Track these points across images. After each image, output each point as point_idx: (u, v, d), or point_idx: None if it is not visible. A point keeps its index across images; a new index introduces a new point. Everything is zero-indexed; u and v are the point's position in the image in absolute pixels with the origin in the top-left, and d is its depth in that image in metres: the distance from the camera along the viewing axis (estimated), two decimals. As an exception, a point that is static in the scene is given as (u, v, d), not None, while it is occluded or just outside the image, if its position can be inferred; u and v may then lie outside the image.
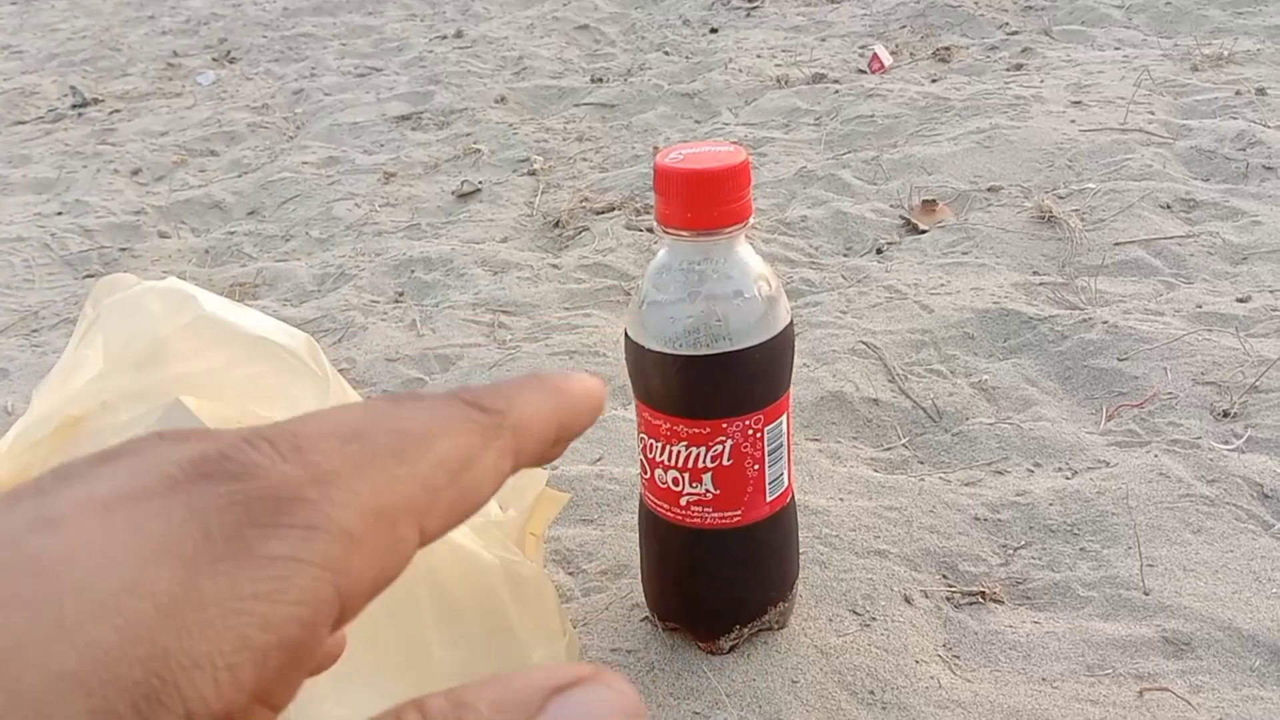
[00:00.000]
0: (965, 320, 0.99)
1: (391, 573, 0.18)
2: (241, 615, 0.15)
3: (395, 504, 0.17)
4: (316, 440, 0.17)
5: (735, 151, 0.54)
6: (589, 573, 0.71)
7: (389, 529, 0.17)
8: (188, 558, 0.15)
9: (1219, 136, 1.32)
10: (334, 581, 0.16)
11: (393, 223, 1.47)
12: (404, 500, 0.17)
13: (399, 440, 0.18)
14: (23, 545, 0.15)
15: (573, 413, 0.21)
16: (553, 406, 0.21)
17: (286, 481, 0.16)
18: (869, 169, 1.39)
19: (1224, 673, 0.60)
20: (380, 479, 0.17)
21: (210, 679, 0.14)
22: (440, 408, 0.19)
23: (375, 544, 0.17)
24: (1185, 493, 0.73)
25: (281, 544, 0.15)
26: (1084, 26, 1.88)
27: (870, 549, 0.71)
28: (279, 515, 0.16)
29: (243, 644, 0.15)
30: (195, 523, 0.15)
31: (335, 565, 0.16)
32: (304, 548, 0.16)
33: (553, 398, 0.21)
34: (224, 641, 0.14)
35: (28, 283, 1.43)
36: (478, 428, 0.19)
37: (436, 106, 1.93)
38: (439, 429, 0.18)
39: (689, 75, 1.91)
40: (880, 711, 0.59)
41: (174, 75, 2.44)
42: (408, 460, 0.18)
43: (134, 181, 1.78)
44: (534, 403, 0.20)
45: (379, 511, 0.17)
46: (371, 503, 0.17)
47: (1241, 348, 0.89)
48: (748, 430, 0.57)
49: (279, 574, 0.15)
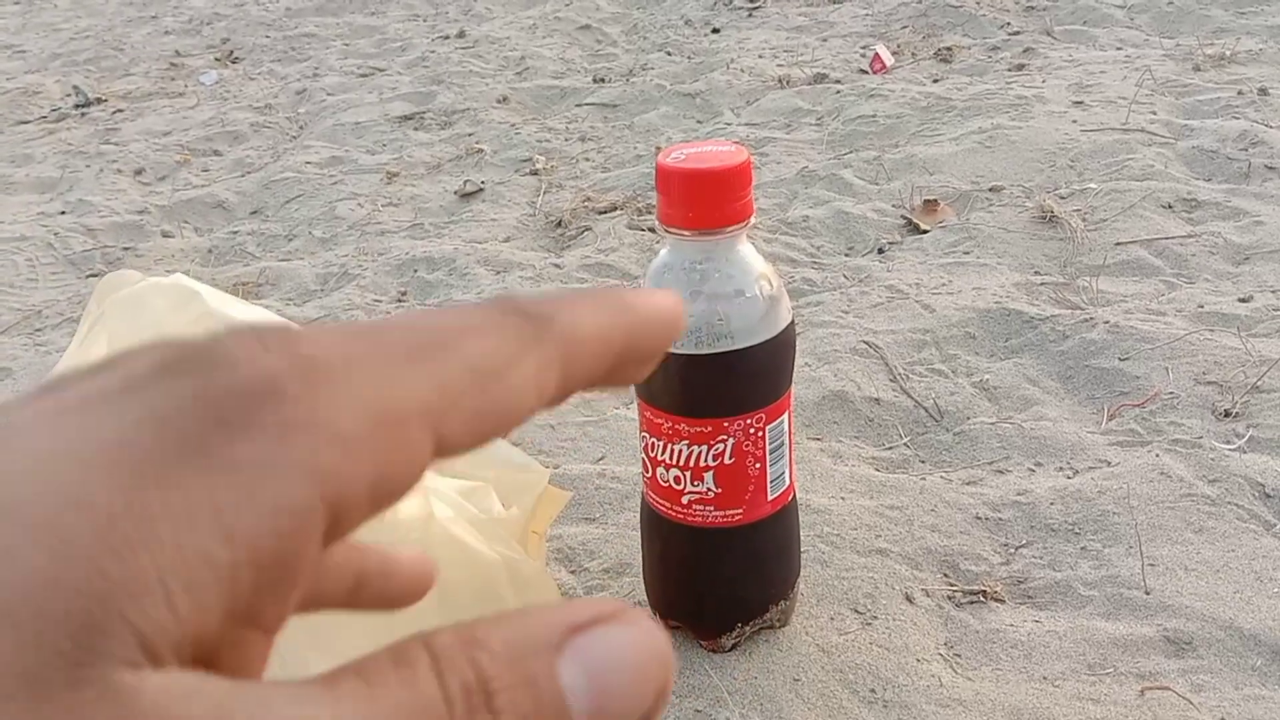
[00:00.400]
0: (967, 320, 0.99)
1: (399, 479, 0.15)
2: (198, 530, 0.13)
3: (402, 403, 0.15)
4: (315, 334, 0.15)
5: (737, 151, 0.54)
6: (591, 571, 0.72)
7: (393, 431, 0.15)
8: (136, 465, 0.13)
9: (1221, 137, 1.32)
10: (318, 487, 0.14)
11: (395, 222, 1.47)
12: (414, 401, 0.15)
13: (416, 338, 0.15)
14: None
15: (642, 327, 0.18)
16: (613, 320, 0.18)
17: (265, 374, 0.14)
18: (871, 169, 1.39)
19: (1225, 672, 0.60)
20: (386, 375, 0.15)
21: (162, 601, 0.12)
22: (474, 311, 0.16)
23: (373, 447, 0.14)
24: (1186, 492, 0.73)
25: (251, 446, 0.13)
26: (1086, 26, 1.88)
27: (872, 548, 0.71)
28: (250, 413, 0.14)
29: (202, 561, 0.13)
30: (150, 424, 0.13)
31: (319, 469, 0.14)
32: (278, 449, 0.13)
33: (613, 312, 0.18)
34: (177, 559, 0.13)
35: (31, 282, 1.43)
36: (515, 332, 0.16)
37: (439, 106, 1.94)
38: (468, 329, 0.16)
39: (691, 75, 1.92)
40: (881, 710, 0.59)
41: (177, 75, 2.45)
42: (424, 359, 0.15)
43: (137, 181, 1.78)
44: (589, 314, 0.17)
45: (381, 410, 0.14)
46: (372, 400, 0.14)
47: (1243, 348, 0.89)
48: (749, 429, 0.57)
49: (245, 480, 0.13)
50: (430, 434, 0.15)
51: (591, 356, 0.17)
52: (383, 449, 0.14)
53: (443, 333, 0.16)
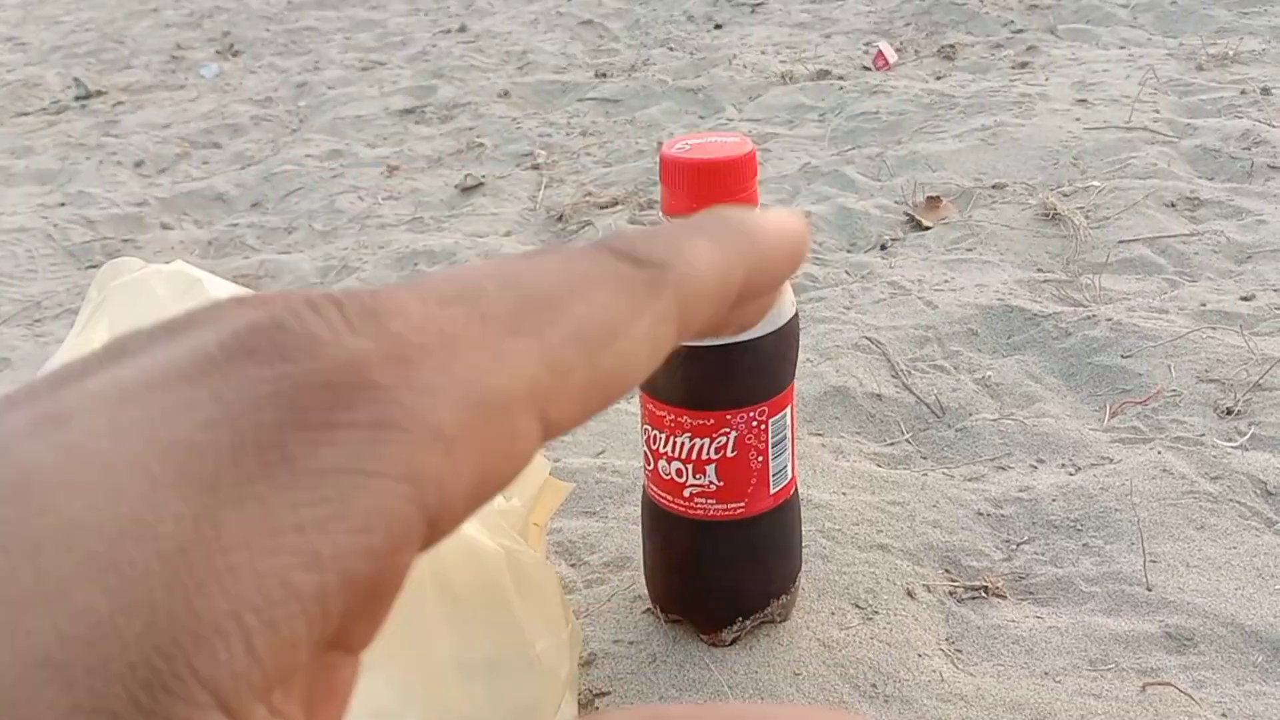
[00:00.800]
0: (969, 316, 0.99)
1: (504, 474, 0.13)
2: (280, 555, 0.11)
3: (507, 387, 0.13)
4: (404, 302, 0.13)
5: (741, 142, 0.54)
6: (592, 564, 0.71)
7: (498, 421, 0.13)
8: (209, 480, 0.11)
9: (1224, 135, 1.32)
10: (415, 497, 0.12)
11: (396, 216, 1.46)
12: (520, 382, 0.13)
13: (519, 302, 0.14)
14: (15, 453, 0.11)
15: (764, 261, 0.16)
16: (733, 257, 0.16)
17: (352, 360, 0.12)
18: (873, 165, 1.39)
19: (1227, 668, 0.60)
20: (488, 353, 0.13)
21: (240, 645, 0.11)
22: (579, 260, 0.14)
23: (477, 442, 0.13)
24: (1188, 489, 0.73)
25: (338, 451, 0.12)
26: (1089, 25, 1.88)
27: (873, 543, 0.71)
28: (336, 411, 0.12)
29: (285, 591, 0.11)
30: (224, 426, 0.12)
31: (416, 474, 0.12)
32: (370, 454, 0.12)
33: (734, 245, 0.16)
34: (257, 594, 0.11)
35: (31, 273, 1.43)
36: (628, 286, 0.14)
37: (440, 100, 1.93)
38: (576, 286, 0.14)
39: (693, 71, 1.91)
40: (882, 704, 0.59)
41: (177, 68, 2.44)
42: (529, 329, 0.13)
43: (137, 173, 1.78)
44: (707, 254, 0.15)
45: (484, 399, 0.13)
46: (474, 387, 0.13)
47: (1245, 346, 0.89)
48: (752, 422, 0.57)
49: (333, 494, 0.12)
50: (537, 418, 0.13)
51: (711, 303, 0.15)
52: (487, 444, 0.13)
53: (548, 293, 0.14)
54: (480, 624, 0.50)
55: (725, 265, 0.15)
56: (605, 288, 0.14)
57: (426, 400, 0.12)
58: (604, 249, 0.15)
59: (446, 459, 0.12)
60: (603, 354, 0.14)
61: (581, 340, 0.14)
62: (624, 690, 0.61)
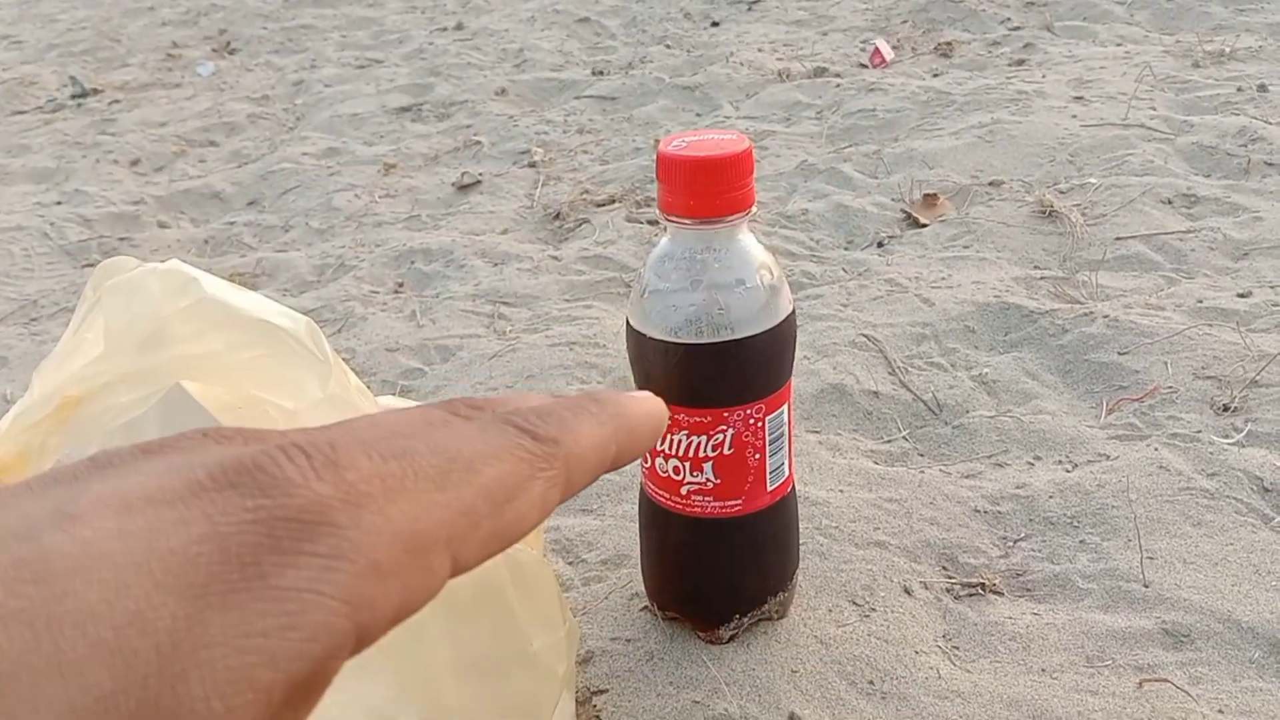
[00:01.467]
0: (966, 314, 0.99)
1: (418, 603, 0.17)
2: (247, 654, 0.14)
3: (430, 532, 0.16)
4: (355, 455, 0.16)
5: (738, 139, 0.54)
6: (589, 562, 0.71)
7: (420, 558, 0.16)
8: (199, 586, 0.14)
9: (1220, 132, 1.32)
10: (352, 615, 0.15)
11: (393, 214, 1.46)
12: (440, 528, 0.16)
13: (443, 463, 0.17)
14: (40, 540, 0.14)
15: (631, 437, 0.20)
16: (610, 433, 0.20)
17: (317, 502, 0.15)
18: (870, 163, 1.39)
19: (1223, 664, 0.60)
20: (418, 504, 0.16)
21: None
22: (491, 431, 0.18)
23: (403, 575, 0.16)
24: (1185, 486, 0.73)
25: (300, 574, 0.15)
26: (1086, 22, 1.87)
27: (870, 540, 0.71)
28: (302, 541, 0.15)
29: (246, 685, 0.14)
30: (213, 542, 0.14)
31: (356, 599, 0.15)
32: (324, 579, 0.15)
33: (611, 424, 0.20)
34: (226, 684, 0.14)
35: (27, 271, 1.43)
36: (528, 457, 0.18)
37: (437, 98, 1.93)
38: (487, 454, 0.18)
39: (690, 68, 1.91)
40: (880, 701, 0.59)
41: (174, 66, 2.44)
42: (450, 486, 0.17)
43: (133, 172, 1.78)
44: (590, 431, 0.19)
45: (412, 539, 0.16)
46: (405, 529, 0.16)
47: (1242, 342, 0.89)
48: (749, 419, 0.57)
49: (293, 609, 0.14)
50: (449, 558, 0.17)
51: (592, 472, 0.19)
52: (411, 576, 0.16)
53: (467, 458, 0.17)
54: (477, 622, 0.50)
55: (604, 439, 0.20)
56: (510, 457, 0.18)
57: (369, 538, 0.15)
58: (510, 424, 0.18)
59: (380, 589, 0.16)
60: (505, 509, 0.18)
61: (489, 497, 0.17)
62: (621, 688, 0.61)
